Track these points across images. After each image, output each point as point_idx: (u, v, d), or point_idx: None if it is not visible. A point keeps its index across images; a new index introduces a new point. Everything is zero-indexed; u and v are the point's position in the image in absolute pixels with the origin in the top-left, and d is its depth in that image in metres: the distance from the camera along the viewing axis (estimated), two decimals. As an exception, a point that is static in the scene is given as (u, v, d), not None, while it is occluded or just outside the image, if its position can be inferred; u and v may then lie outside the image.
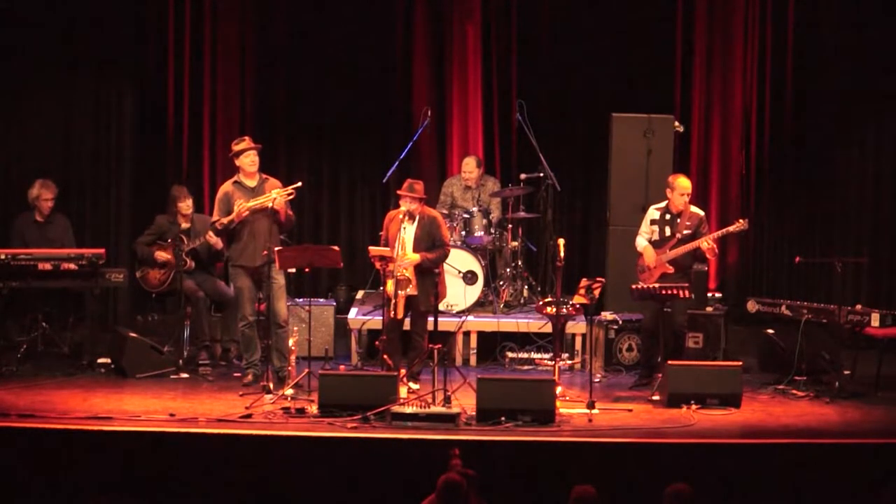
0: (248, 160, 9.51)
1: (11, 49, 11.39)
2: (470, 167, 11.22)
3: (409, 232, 9.29)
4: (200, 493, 7.70)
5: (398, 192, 9.47)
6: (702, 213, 9.71)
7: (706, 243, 9.40)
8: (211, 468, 7.80)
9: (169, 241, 10.25)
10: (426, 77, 11.99)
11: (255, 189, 9.49)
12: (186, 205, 10.27)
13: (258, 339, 9.50)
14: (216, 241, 10.03)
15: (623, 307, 10.51)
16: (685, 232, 9.54)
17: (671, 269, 9.50)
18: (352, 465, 7.79)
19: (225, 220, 9.44)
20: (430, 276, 9.33)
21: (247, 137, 9.67)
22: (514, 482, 7.64)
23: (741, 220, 9.62)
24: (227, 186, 9.61)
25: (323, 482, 7.73)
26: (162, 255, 10.21)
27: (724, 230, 9.64)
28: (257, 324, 9.52)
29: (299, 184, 9.59)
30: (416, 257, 9.23)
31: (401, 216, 9.36)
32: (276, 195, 9.31)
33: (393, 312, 9.12)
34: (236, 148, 9.56)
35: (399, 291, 9.10)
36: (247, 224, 9.39)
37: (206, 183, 11.82)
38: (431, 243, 9.34)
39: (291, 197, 9.46)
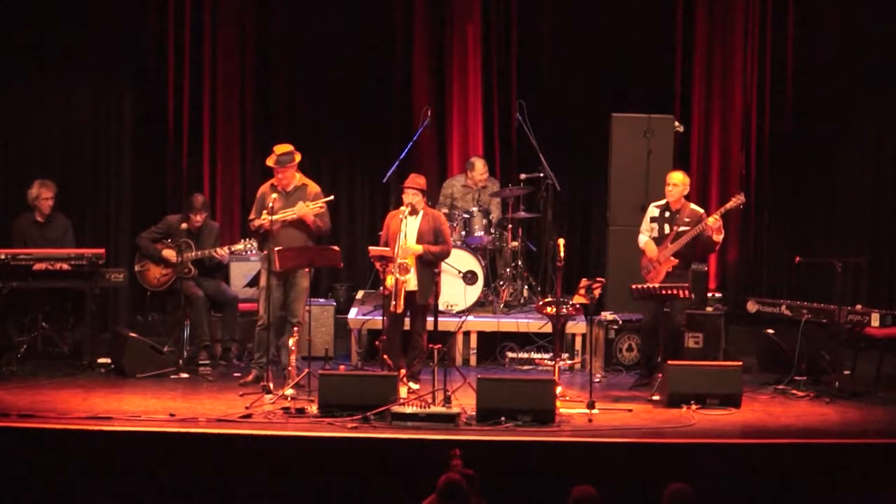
0: (280, 175, 9.53)
1: (11, 49, 11.39)
2: (482, 170, 11.21)
3: (411, 226, 9.29)
4: (200, 493, 7.69)
5: (403, 184, 9.45)
6: (701, 210, 9.70)
7: (711, 219, 9.38)
8: (211, 468, 7.79)
9: (171, 241, 10.25)
10: (426, 77, 12.00)
11: (290, 194, 9.53)
12: (198, 219, 10.26)
13: (270, 342, 9.48)
14: (223, 255, 10.09)
15: (623, 307, 10.50)
16: (684, 228, 9.54)
17: (675, 262, 9.47)
18: (352, 465, 7.79)
19: (256, 224, 9.53)
20: (429, 270, 9.33)
21: (280, 150, 9.56)
22: (514, 482, 7.64)
23: (738, 195, 9.59)
24: (265, 187, 9.69)
25: (323, 482, 7.73)
26: (169, 254, 10.20)
27: (723, 207, 9.58)
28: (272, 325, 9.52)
29: (331, 197, 9.64)
30: (419, 248, 9.23)
31: (401, 215, 9.36)
32: (301, 208, 9.37)
33: (393, 304, 9.09)
34: (271, 160, 9.55)
35: (399, 276, 9.06)
36: (276, 231, 9.41)
37: (206, 182, 11.82)
38: (435, 240, 9.34)
39: (321, 210, 9.48)
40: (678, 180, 9.65)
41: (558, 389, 8.86)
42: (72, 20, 11.48)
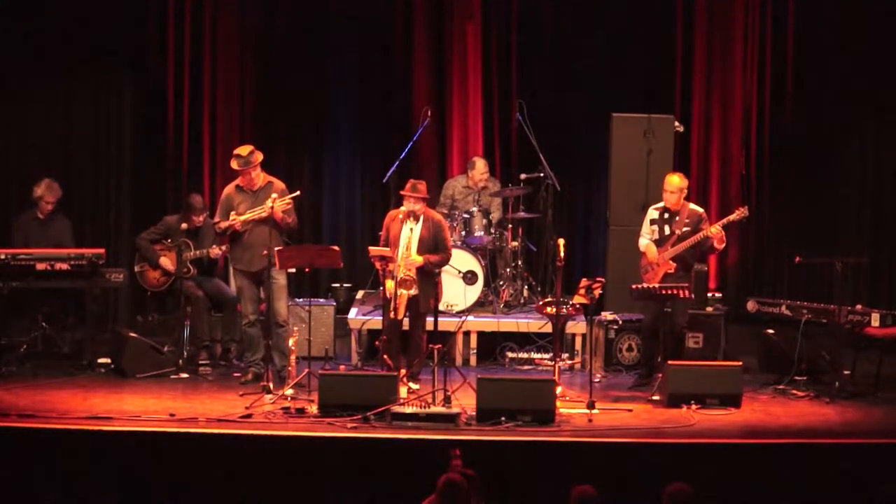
0: (247, 176, 9.52)
1: (12, 49, 11.40)
2: (482, 169, 11.20)
3: (414, 233, 9.30)
4: (200, 493, 7.70)
5: (402, 192, 9.46)
6: (701, 210, 9.71)
7: (714, 229, 9.38)
8: (211, 468, 7.79)
9: (170, 242, 10.25)
10: (426, 77, 11.99)
11: (256, 193, 9.52)
12: (199, 219, 10.28)
13: (261, 339, 9.49)
14: (217, 254, 10.13)
15: (623, 307, 10.50)
16: (684, 229, 9.54)
17: (673, 266, 9.49)
18: (352, 465, 7.79)
19: (223, 225, 9.54)
20: (430, 277, 9.34)
21: (243, 152, 9.55)
22: (514, 482, 7.64)
23: (741, 208, 9.60)
24: (229, 189, 9.66)
25: (323, 482, 7.73)
26: (167, 262, 10.22)
27: (725, 219, 9.58)
28: (260, 323, 9.53)
29: (297, 193, 9.60)
30: (420, 259, 9.24)
31: (401, 216, 9.36)
32: (272, 204, 9.30)
33: (393, 313, 9.12)
34: (235, 163, 9.54)
35: (401, 290, 9.09)
36: (246, 230, 9.42)
37: (206, 183, 11.82)
38: (435, 246, 9.35)
39: (289, 206, 9.48)
40: (676, 186, 9.61)
41: (558, 389, 8.86)
42: (72, 19, 11.47)
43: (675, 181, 9.64)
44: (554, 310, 9.26)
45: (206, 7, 11.75)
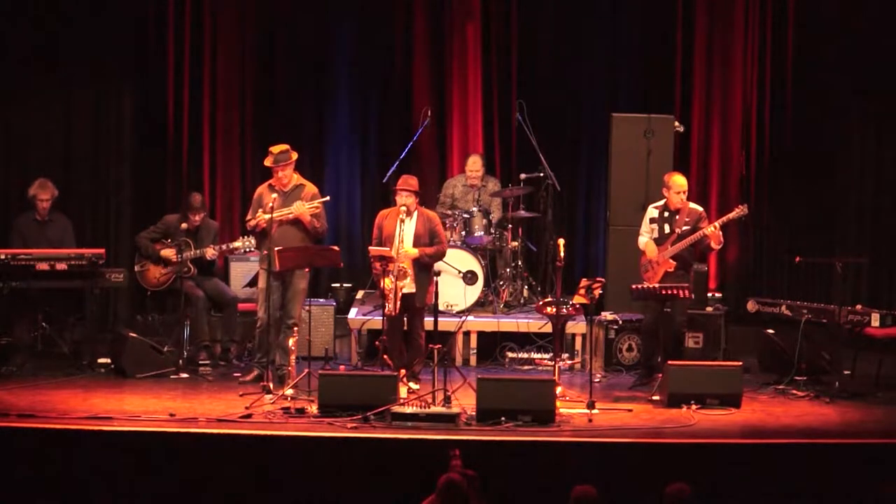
0: (280, 174, 9.54)
1: (11, 49, 11.40)
2: (477, 165, 11.22)
3: (408, 228, 9.31)
4: (201, 494, 7.69)
5: (395, 187, 9.48)
6: (700, 208, 9.71)
7: (712, 228, 9.39)
8: (211, 468, 7.79)
9: (170, 241, 10.25)
10: (426, 77, 11.99)
11: (287, 194, 9.54)
12: (196, 218, 10.27)
13: (271, 342, 9.47)
14: (213, 255, 10.12)
15: (623, 307, 10.50)
16: (684, 228, 9.55)
17: (673, 265, 9.49)
18: (352, 465, 7.79)
19: (252, 223, 9.56)
20: (426, 272, 9.34)
21: (278, 151, 9.57)
22: (514, 482, 7.64)
23: (740, 206, 9.60)
24: (262, 188, 9.71)
25: (323, 482, 7.73)
26: (168, 253, 10.21)
27: (725, 217, 9.60)
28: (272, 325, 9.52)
29: (327, 198, 9.68)
30: (415, 251, 9.25)
31: (401, 216, 9.36)
32: (299, 208, 9.36)
33: (389, 307, 9.10)
34: (268, 161, 9.57)
35: (398, 282, 9.08)
36: (274, 230, 9.40)
37: (206, 183, 11.82)
38: (430, 241, 9.36)
39: (317, 211, 9.49)
40: (683, 186, 9.60)
41: (558, 389, 8.86)
42: (72, 20, 11.47)
43: (683, 181, 9.64)
44: (554, 310, 9.26)
45: (205, 8, 11.75)
